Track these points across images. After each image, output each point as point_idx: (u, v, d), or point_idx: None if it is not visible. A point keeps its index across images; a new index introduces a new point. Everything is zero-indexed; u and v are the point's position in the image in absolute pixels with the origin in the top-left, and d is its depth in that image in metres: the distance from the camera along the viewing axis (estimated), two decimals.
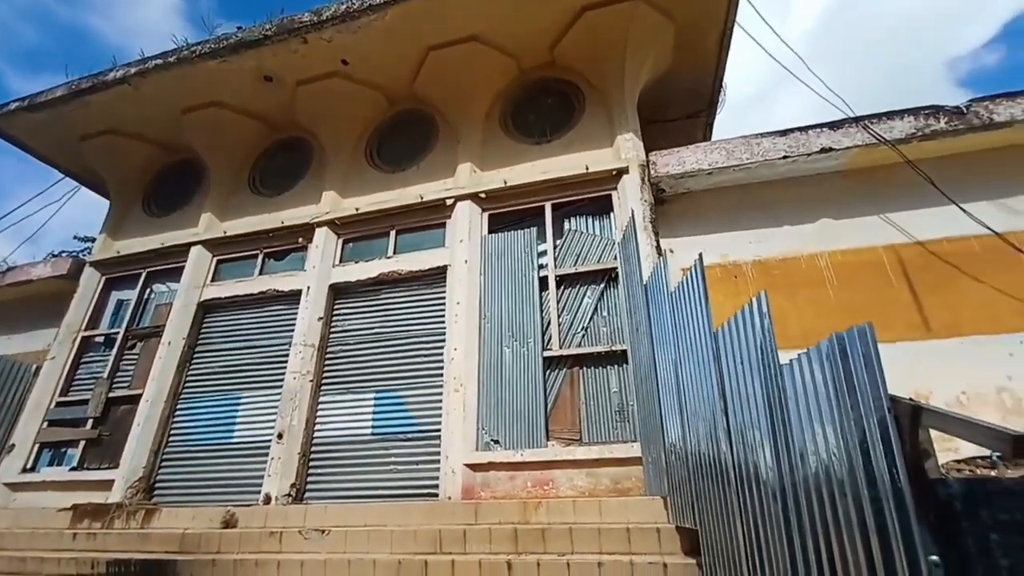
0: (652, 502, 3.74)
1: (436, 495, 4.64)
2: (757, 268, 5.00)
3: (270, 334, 6.06)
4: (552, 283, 5.25)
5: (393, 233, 6.12)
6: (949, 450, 3.28)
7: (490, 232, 5.74)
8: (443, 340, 5.33)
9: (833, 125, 4.79)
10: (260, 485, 5.06)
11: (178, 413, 5.96)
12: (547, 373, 4.92)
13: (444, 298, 5.55)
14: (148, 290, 6.98)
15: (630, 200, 5.16)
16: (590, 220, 5.53)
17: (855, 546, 1.32)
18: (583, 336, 5.03)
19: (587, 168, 5.43)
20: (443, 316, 5.46)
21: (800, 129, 4.87)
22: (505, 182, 5.74)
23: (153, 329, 6.53)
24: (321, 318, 5.79)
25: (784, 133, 4.91)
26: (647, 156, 5.37)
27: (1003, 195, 4.49)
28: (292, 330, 5.80)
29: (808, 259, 4.82)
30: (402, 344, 5.54)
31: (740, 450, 2.17)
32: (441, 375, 5.18)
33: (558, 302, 5.17)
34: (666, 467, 3.50)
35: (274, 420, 5.38)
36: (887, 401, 1.25)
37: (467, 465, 4.61)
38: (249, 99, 6.77)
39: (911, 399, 1.34)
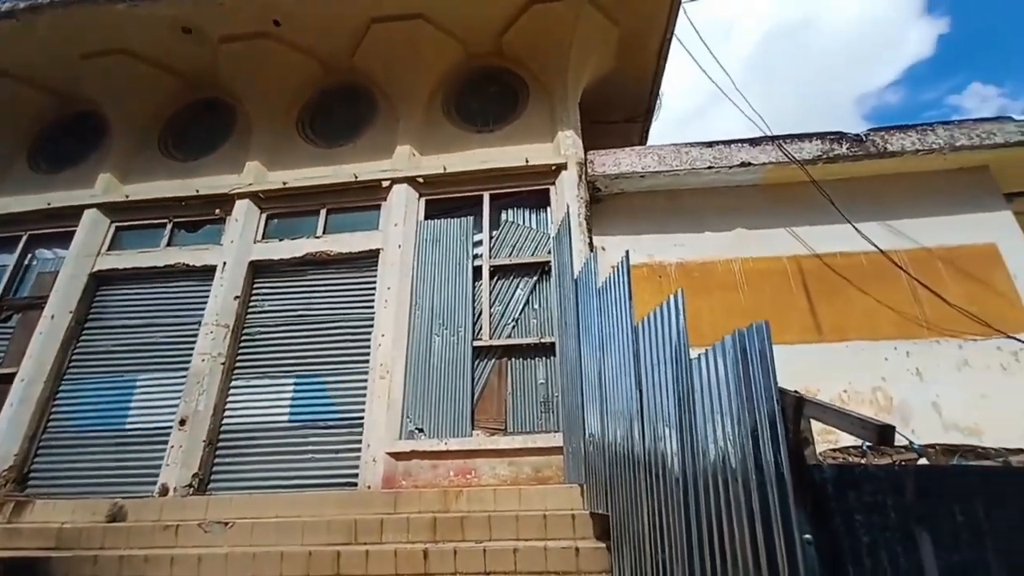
0: (570, 490, 3.86)
1: (355, 485, 4.50)
2: (680, 270, 5.29)
3: (175, 312, 5.55)
4: (486, 273, 5.24)
5: (324, 212, 5.81)
6: (829, 440, 3.68)
7: (426, 218, 5.62)
8: (371, 326, 5.16)
9: (753, 141, 5.16)
10: (156, 475, 4.65)
11: (60, 395, 5.31)
12: (476, 363, 4.92)
13: (375, 283, 5.37)
14: (29, 255, 6.14)
15: (567, 196, 5.26)
16: (527, 213, 5.57)
17: (742, 526, 1.44)
18: (514, 327, 5.08)
19: (527, 161, 5.45)
20: (372, 301, 5.29)
21: (724, 142, 5.20)
22: (444, 168, 5.63)
23: (34, 300, 5.76)
24: (238, 297, 5.39)
25: (710, 145, 5.21)
26: (585, 155, 5.49)
27: (890, 217, 5.07)
28: (202, 308, 5.35)
29: (724, 264, 5.17)
30: (327, 328, 5.30)
31: (651, 440, 2.29)
32: (367, 362, 5.02)
33: (491, 292, 5.18)
34: (585, 456, 3.62)
35: (176, 405, 4.95)
36: (776, 394, 1.37)
37: (389, 454, 4.51)
38: (163, 50, 6.11)
39: (795, 392, 1.47)
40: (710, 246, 5.33)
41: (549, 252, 5.24)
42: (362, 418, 4.77)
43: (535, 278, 5.26)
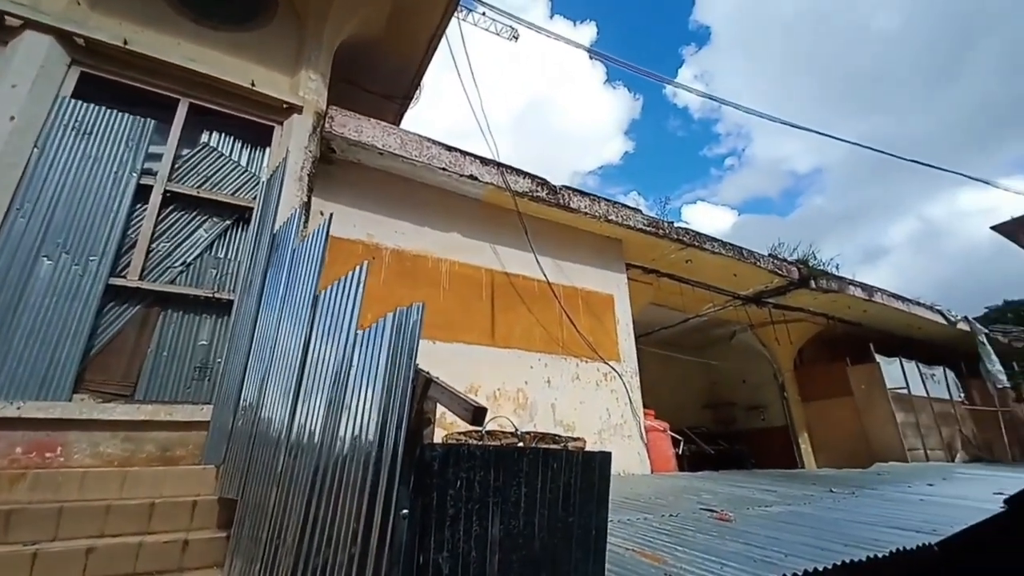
0: (202, 472, 3.28)
1: None
2: (394, 256, 5.34)
3: None
4: (157, 197, 4.09)
5: None
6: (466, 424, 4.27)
7: (76, 96, 4.01)
8: None
9: (484, 161, 5.72)
10: None
11: None
12: (108, 306, 3.74)
13: None
14: None
15: (294, 143, 4.63)
16: (239, 146, 4.64)
17: (353, 503, 1.43)
18: (182, 273, 4.10)
19: (252, 84, 4.56)
20: None
21: (462, 151, 5.59)
22: (125, 42, 4.16)
23: None
24: None
25: (450, 149, 5.52)
26: (327, 108, 4.99)
27: (559, 257, 6.42)
28: None
29: (435, 262, 5.51)
30: None
31: (301, 415, 2.12)
32: None
33: (157, 223, 4.05)
34: (231, 434, 3.14)
35: None
36: (413, 373, 1.43)
37: None
38: None
39: (426, 372, 1.58)
40: (427, 242, 5.59)
41: (255, 199, 4.49)
42: None
43: (228, 223, 4.41)
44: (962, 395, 11.66)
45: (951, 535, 2.75)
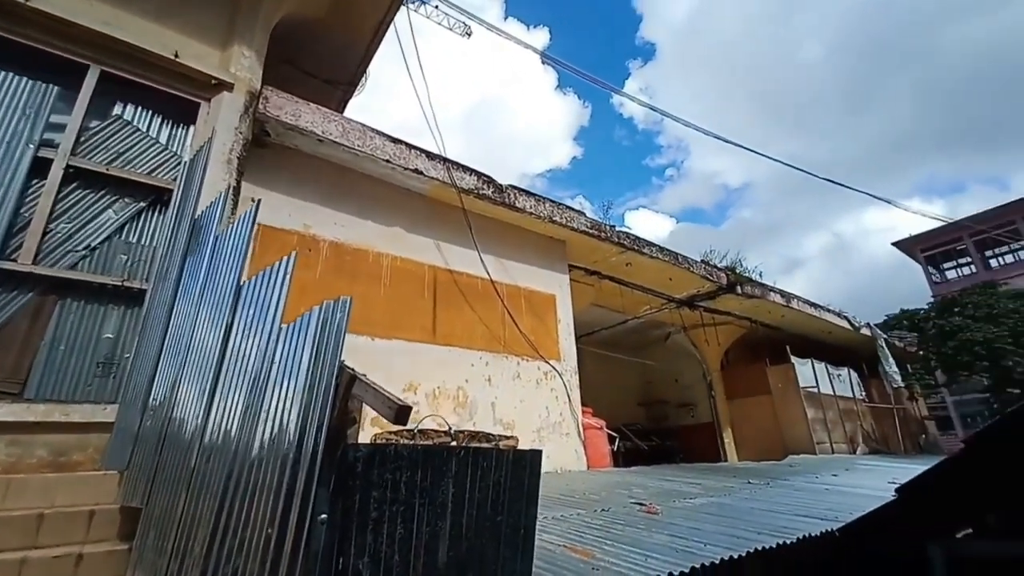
0: (103, 479, 2.98)
1: None
2: (333, 249, 5.12)
3: None
4: (56, 173, 3.67)
5: None
6: (413, 421, 4.18)
7: None
8: None
9: (430, 155, 5.61)
10: None
11: None
12: None
13: None
14: None
15: (222, 122, 4.31)
16: (158, 121, 4.27)
17: (267, 507, 1.34)
18: (85, 258, 3.71)
19: (176, 55, 4.20)
20: None
21: (407, 144, 5.45)
22: None
23: None
24: None
25: (395, 140, 5.36)
26: (262, 88, 4.70)
27: (504, 256, 6.42)
28: None
29: (376, 256, 5.34)
30: None
31: (218, 415, 1.97)
32: None
33: (56, 201, 3.64)
34: (138, 436, 2.87)
35: None
36: (337, 370, 1.36)
37: None
38: None
39: (352, 369, 1.51)
40: (369, 235, 5.40)
41: (176, 180, 4.14)
42: None
43: (143, 204, 4.04)
44: (863, 394, 12.89)
45: (850, 521, 3.02)
